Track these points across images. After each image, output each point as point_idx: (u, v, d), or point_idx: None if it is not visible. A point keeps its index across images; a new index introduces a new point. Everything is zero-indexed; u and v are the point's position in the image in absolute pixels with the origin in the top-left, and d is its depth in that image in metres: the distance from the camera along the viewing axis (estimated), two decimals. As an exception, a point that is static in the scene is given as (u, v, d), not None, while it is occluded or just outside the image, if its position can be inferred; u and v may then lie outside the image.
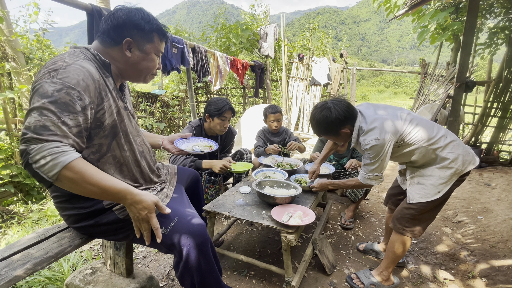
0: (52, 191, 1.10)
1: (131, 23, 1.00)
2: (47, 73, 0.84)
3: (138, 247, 2.15)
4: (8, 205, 2.91)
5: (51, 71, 0.85)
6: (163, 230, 1.09)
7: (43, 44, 3.13)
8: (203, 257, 1.11)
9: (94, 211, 1.09)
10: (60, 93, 0.82)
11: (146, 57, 1.08)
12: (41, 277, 1.65)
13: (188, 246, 1.07)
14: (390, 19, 4.21)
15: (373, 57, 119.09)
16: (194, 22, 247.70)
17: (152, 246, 1.16)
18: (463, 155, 1.44)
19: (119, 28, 1.00)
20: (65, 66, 0.87)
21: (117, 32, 1.00)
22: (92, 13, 2.21)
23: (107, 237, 1.17)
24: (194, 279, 1.14)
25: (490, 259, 1.92)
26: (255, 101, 7.50)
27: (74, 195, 1.05)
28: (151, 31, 1.04)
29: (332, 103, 1.50)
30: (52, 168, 0.78)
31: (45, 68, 0.87)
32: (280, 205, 1.69)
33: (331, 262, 1.87)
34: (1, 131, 2.85)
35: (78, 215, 1.09)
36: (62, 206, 1.10)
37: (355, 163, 2.43)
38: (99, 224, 1.10)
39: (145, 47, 1.05)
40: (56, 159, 0.78)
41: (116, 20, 0.99)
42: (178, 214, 1.14)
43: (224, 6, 8.98)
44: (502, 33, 4.85)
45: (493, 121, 4.12)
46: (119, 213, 1.09)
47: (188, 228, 1.09)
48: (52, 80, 0.82)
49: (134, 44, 1.03)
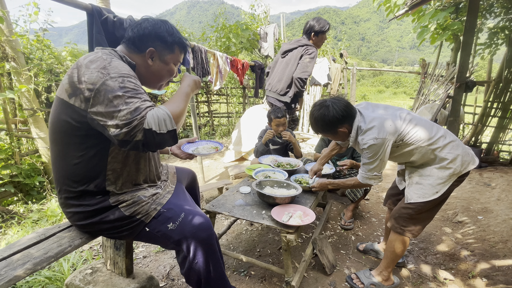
0: (61, 186, 1.08)
1: (156, 34, 1.07)
2: (99, 73, 0.89)
3: (138, 247, 2.15)
4: (8, 205, 2.91)
5: (101, 70, 0.90)
6: (171, 226, 1.11)
7: (43, 44, 3.13)
8: (210, 251, 1.15)
9: (100, 209, 1.08)
10: (124, 82, 0.90)
11: (166, 66, 1.15)
12: (41, 277, 1.65)
13: (195, 241, 1.11)
14: (390, 19, 4.21)
15: (373, 57, 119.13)
16: (194, 22, 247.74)
17: (159, 243, 1.18)
18: (462, 155, 1.44)
19: (144, 38, 1.07)
20: (108, 62, 0.92)
21: (142, 41, 1.07)
22: (92, 13, 2.21)
23: (111, 234, 1.17)
24: (201, 274, 1.16)
25: (490, 259, 1.92)
26: (255, 101, 7.51)
27: (83, 192, 1.06)
28: (173, 43, 1.11)
29: (330, 101, 1.50)
30: (168, 122, 0.92)
31: (89, 69, 0.90)
32: (280, 205, 1.69)
33: (331, 262, 1.87)
34: (1, 131, 2.85)
35: (84, 213, 1.09)
36: (68, 203, 1.10)
37: (349, 163, 2.40)
38: (104, 221, 1.10)
39: (166, 57, 1.12)
40: (164, 116, 0.92)
41: (142, 30, 1.06)
42: (183, 210, 1.17)
43: (224, 6, 8.97)
44: (502, 33, 4.84)
45: (493, 121, 4.12)
46: (125, 210, 1.09)
47: (194, 223, 1.13)
48: (110, 76, 0.89)
49: (156, 54, 1.10)
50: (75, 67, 0.93)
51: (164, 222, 1.13)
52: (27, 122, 3.03)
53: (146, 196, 1.15)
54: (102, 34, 2.24)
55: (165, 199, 1.20)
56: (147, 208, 1.12)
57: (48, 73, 3.09)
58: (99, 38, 2.21)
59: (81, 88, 0.88)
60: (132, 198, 1.11)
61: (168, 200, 1.21)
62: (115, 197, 1.09)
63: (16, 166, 2.88)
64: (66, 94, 0.92)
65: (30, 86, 2.81)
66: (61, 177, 1.06)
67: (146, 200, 1.14)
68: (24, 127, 3.12)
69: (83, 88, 0.88)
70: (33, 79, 2.89)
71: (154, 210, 1.13)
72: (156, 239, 1.16)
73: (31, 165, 3.03)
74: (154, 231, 1.13)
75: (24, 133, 3.08)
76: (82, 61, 0.93)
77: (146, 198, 1.14)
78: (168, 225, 1.12)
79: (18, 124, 3.05)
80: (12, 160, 2.91)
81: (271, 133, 2.63)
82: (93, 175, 1.04)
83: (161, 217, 1.13)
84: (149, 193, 1.16)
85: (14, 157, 2.90)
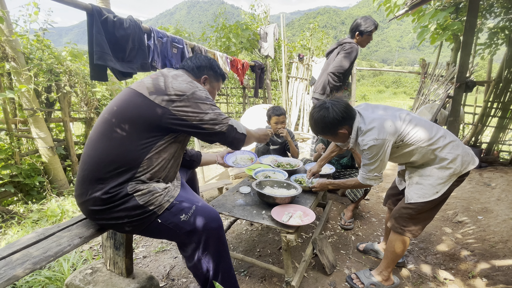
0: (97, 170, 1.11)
1: (210, 66, 1.41)
2: (188, 85, 1.17)
3: (138, 247, 2.15)
4: (8, 205, 2.92)
5: (189, 83, 1.18)
6: (183, 217, 1.18)
7: (43, 44, 3.13)
8: (220, 242, 1.25)
9: (117, 195, 1.10)
10: (207, 95, 1.21)
11: (213, 90, 1.47)
12: (41, 277, 1.65)
13: (207, 231, 1.20)
14: (390, 19, 4.20)
15: (373, 57, 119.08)
16: (194, 22, 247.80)
17: (167, 236, 1.22)
18: (462, 155, 1.44)
19: (201, 68, 1.39)
20: (190, 80, 1.22)
21: (199, 70, 1.39)
22: (92, 13, 2.21)
23: (120, 226, 1.17)
24: (210, 265, 1.23)
25: (490, 259, 1.92)
26: (255, 101, 7.50)
27: (112, 175, 1.10)
28: (219, 75, 1.47)
29: (330, 103, 1.50)
30: (243, 128, 1.32)
31: (177, 80, 1.17)
32: (280, 205, 1.69)
33: (331, 262, 1.87)
34: (1, 131, 2.85)
35: (102, 199, 1.10)
36: (96, 186, 1.12)
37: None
38: (118, 209, 1.11)
39: (214, 84, 1.46)
40: (240, 124, 1.31)
41: (199, 62, 1.39)
42: (194, 202, 1.25)
43: (224, 6, 8.97)
44: (502, 33, 4.84)
45: (493, 121, 4.12)
46: (139, 198, 1.12)
47: (205, 214, 1.22)
48: (198, 89, 1.18)
49: (208, 80, 1.42)
50: (160, 75, 1.18)
51: (177, 213, 1.18)
52: (27, 122, 3.03)
53: (160, 188, 1.18)
54: (102, 34, 2.24)
55: (176, 192, 1.25)
56: (160, 200, 1.16)
57: (48, 73, 3.09)
58: (99, 38, 2.21)
59: (167, 91, 1.12)
60: (148, 188, 1.14)
61: (179, 193, 1.26)
62: (133, 186, 1.12)
63: (16, 166, 2.88)
64: (147, 92, 1.12)
65: (30, 86, 2.81)
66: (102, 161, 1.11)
67: (160, 191, 1.17)
68: (24, 127, 3.12)
69: (170, 92, 1.12)
70: (33, 79, 2.89)
71: (167, 202, 1.18)
72: (166, 231, 1.19)
73: (31, 165, 3.03)
74: (166, 222, 1.17)
75: (24, 133, 3.08)
76: (166, 73, 1.20)
77: (160, 190, 1.18)
78: (180, 216, 1.18)
79: (18, 124, 3.05)
80: (12, 160, 2.91)
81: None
82: (131, 161, 1.11)
83: (174, 209, 1.18)
84: (162, 186, 1.21)
85: (14, 157, 2.90)
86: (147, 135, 1.12)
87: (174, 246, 2.15)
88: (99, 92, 3.74)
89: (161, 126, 1.12)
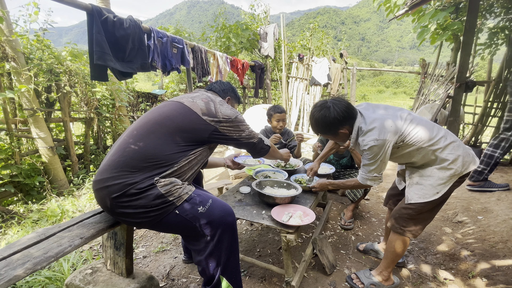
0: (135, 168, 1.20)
1: (232, 90, 1.72)
2: (231, 111, 1.41)
3: (138, 247, 2.15)
4: (8, 205, 2.92)
5: (231, 109, 1.43)
6: (201, 209, 1.25)
7: (43, 44, 3.12)
8: (233, 237, 1.31)
9: (143, 183, 1.16)
10: (243, 117, 1.47)
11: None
12: (41, 277, 1.65)
13: (223, 225, 1.27)
14: (390, 19, 4.20)
15: (373, 57, 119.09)
16: (194, 22, 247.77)
17: (183, 228, 1.25)
18: (463, 156, 1.44)
19: (225, 91, 1.69)
20: (232, 107, 1.46)
21: (224, 92, 1.68)
22: (92, 13, 2.21)
23: (137, 216, 1.18)
24: (221, 259, 1.27)
25: (490, 259, 1.92)
26: (255, 101, 7.51)
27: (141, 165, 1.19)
28: (238, 98, 1.78)
29: (331, 102, 1.49)
30: (267, 141, 1.61)
31: (223, 106, 1.41)
32: (280, 205, 1.69)
33: (331, 262, 1.87)
34: (1, 131, 2.85)
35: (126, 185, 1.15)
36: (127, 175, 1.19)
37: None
38: (139, 197, 1.15)
39: (234, 104, 1.75)
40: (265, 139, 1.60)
41: (224, 86, 1.70)
42: (210, 196, 1.33)
43: (224, 6, 8.96)
44: (502, 33, 4.83)
45: (493, 121, 4.12)
46: (161, 187, 1.18)
47: (221, 208, 1.30)
48: (238, 114, 1.44)
49: (231, 101, 1.70)
50: (210, 100, 1.39)
51: (195, 205, 1.24)
52: (27, 122, 3.03)
53: (180, 182, 1.26)
54: (102, 34, 2.24)
55: (193, 187, 1.32)
56: (180, 192, 1.22)
57: (48, 73, 3.09)
58: (99, 38, 2.21)
59: (217, 115, 1.34)
60: (170, 179, 1.23)
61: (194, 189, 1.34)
62: (158, 179, 1.19)
63: (16, 166, 2.88)
64: (201, 112, 1.32)
65: (30, 86, 2.81)
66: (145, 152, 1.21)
67: (180, 185, 1.25)
68: (24, 127, 3.12)
69: (219, 116, 1.35)
70: (33, 79, 2.89)
71: (186, 194, 1.24)
72: (182, 223, 1.22)
73: (31, 165, 3.03)
74: (183, 214, 1.22)
75: (24, 133, 3.08)
76: (214, 99, 1.42)
77: (180, 183, 1.25)
78: (198, 208, 1.24)
79: (18, 124, 3.04)
80: (12, 160, 2.91)
81: (277, 137, 2.50)
82: (169, 160, 1.23)
83: (192, 201, 1.25)
84: (181, 181, 1.28)
85: (14, 157, 2.90)
86: (190, 142, 1.30)
87: (174, 246, 2.15)
88: (99, 92, 3.74)
89: (204, 138, 1.33)
